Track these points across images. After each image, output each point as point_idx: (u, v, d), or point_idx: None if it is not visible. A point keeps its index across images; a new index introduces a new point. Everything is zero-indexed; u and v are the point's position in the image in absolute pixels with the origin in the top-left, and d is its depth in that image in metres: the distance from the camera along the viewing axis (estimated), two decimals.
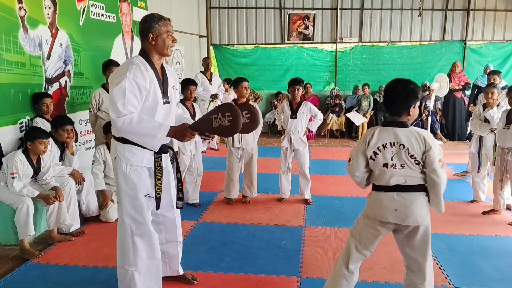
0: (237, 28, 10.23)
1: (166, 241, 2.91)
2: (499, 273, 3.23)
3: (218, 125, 2.43)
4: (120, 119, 2.40)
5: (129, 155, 2.55)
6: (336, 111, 9.30)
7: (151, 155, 2.59)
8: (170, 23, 2.62)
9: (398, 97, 2.38)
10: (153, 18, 2.56)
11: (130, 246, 2.62)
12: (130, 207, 2.60)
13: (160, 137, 2.46)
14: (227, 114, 2.40)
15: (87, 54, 4.94)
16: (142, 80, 2.46)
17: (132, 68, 2.45)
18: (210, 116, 2.48)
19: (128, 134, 2.48)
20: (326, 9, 9.93)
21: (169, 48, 2.60)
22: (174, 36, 2.62)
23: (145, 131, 2.45)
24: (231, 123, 2.41)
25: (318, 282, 3.11)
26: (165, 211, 2.82)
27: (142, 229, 2.62)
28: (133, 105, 2.43)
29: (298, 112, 4.79)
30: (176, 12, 8.25)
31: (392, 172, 2.40)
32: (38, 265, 3.43)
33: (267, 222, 4.34)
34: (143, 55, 2.57)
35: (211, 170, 6.20)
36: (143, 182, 2.60)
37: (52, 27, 4.41)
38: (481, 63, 9.45)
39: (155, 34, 2.53)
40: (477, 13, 9.61)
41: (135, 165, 2.57)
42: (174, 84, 2.73)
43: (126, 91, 2.40)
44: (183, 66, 8.71)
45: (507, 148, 4.23)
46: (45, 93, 4.22)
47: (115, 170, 2.64)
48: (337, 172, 6.33)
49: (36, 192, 3.67)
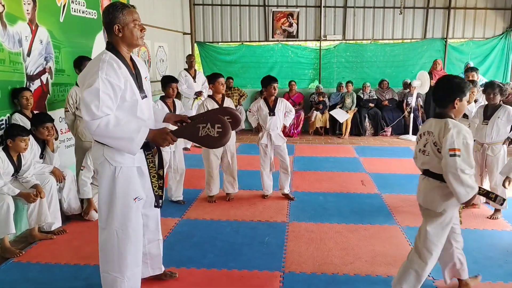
0: (221, 26, 10.21)
1: (148, 241, 2.84)
2: (476, 265, 3.30)
3: (205, 135, 2.36)
4: (95, 122, 2.24)
5: (119, 157, 2.40)
6: (320, 108, 9.37)
7: (141, 153, 2.46)
8: (136, 11, 2.41)
9: (443, 91, 2.59)
10: (116, 8, 2.35)
11: (115, 253, 2.48)
12: (118, 212, 2.45)
13: (138, 140, 2.31)
14: (217, 126, 2.35)
15: (68, 51, 4.89)
16: (116, 79, 2.30)
17: (103, 67, 2.28)
18: (197, 124, 2.39)
19: (103, 138, 2.31)
20: (310, 7, 9.98)
21: (139, 39, 2.42)
22: (142, 25, 2.43)
23: (122, 134, 2.29)
24: (220, 135, 2.35)
25: (301, 277, 3.15)
26: (148, 210, 2.75)
27: (129, 233, 2.49)
28: (108, 107, 2.27)
29: (276, 109, 4.82)
30: (159, 9, 8.20)
31: (422, 158, 2.65)
32: (18, 264, 3.39)
33: (250, 218, 4.36)
34: (112, 50, 2.39)
35: (196, 168, 6.19)
36: (132, 185, 2.47)
37: (32, 23, 4.34)
38: (461, 61, 9.63)
39: (121, 25, 2.35)
40: (457, 11, 9.76)
41: (125, 167, 2.43)
42: (146, 75, 2.59)
43: (100, 92, 2.23)
44: (167, 64, 8.66)
45: (486, 143, 4.33)
46: (24, 87, 4.16)
47: (101, 175, 2.46)
48: (320, 169, 6.38)
49: (16, 190, 3.62)
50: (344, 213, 4.50)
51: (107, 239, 2.49)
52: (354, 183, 5.59)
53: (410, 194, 5.07)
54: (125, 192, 2.45)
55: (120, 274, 2.51)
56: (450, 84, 2.58)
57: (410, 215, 4.40)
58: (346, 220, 4.29)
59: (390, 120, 9.28)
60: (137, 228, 2.54)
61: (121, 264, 2.50)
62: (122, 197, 2.45)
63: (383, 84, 9.56)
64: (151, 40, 7.78)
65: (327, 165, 6.63)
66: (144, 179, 2.58)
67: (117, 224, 2.46)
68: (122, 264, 2.50)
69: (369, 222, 4.23)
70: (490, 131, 4.28)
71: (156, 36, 8.00)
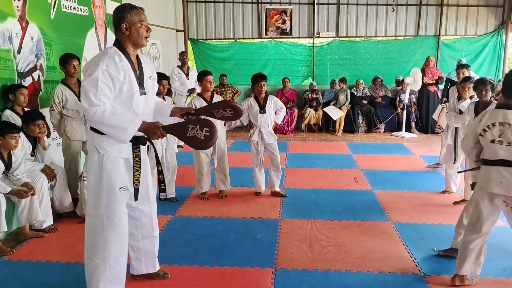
0: (215, 23, 10.19)
1: (142, 236, 2.85)
2: None
3: (193, 136, 2.47)
4: (92, 109, 2.37)
5: (107, 145, 2.51)
6: (314, 105, 9.38)
7: (129, 146, 2.56)
8: (143, 13, 2.58)
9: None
10: (125, 8, 2.52)
11: (100, 239, 2.56)
12: (104, 199, 2.54)
13: (130, 131, 2.44)
14: (205, 129, 2.45)
15: (60, 48, 4.85)
16: (115, 71, 2.43)
17: (105, 59, 2.42)
18: (188, 124, 2.51)
19: (98, 124, 2.45)
20: (303, 4, 9.98)
21: (144, 38, 2.57)
22: (148, 26, 2.60)
23: (116, 123, 2.42)
24: (206, 139, 2.46)
25: (293, 273, 3.16)
26: (140, 204, 2.77)
27: (114, 222, 2.56)
28: (106, 96, 2.41)
29: (266, 106, 4.82)
30: (152, 6, 8.15)
31: (498, 147, 2.72)
32: (9, 262, 3.37)
33: (243, 215, 4.36)
34: (118, 46, 2.54)
35: (188, 165, 6.17)
36: (119, 174, 2.55)
37: (22, 20, 4.31)
38: (454, 58, 9.67)
39: (128, 24, 2.51)
40: (450, 8, 9.80)
41: (112, 156, 2.53)
42: (150, 75, 2.70)
43: (99, 81, 2.37)
44: (160, 61, 8.63)
45: None
46: (21, 84, 4.15)
47: (89, 161, 2.58)
48: (313, 166, 6.39)
49: (8, 188, 3.60)
50: (336, 209, 4.51)
51: (92, 225, 2.58)
52: (347, 180, 5.61)
53: (402, 191, 5.10)
54: (111, 180, 2.54)
55: (103, 261, 2.57)
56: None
57: (402, 211, 4.43)
58: (339, 216, 4.30)
59: (383, 117, 9.32)
60: (122, 217, 2.60)
61: (104, 251, 2.56)
62: (108, 185, 2.53)
63: (376, 81, 9.59)
64: None
65: (320, 162, 6.65)
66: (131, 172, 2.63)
67: (103, 211, 2.55)
68: (105, 251, 2.56)
69: (361, 219, 4.25)
70: None
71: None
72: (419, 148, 7.60)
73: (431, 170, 6.15)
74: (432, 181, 5.55)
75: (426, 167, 6.27)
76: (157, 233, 2.94)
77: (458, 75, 5.74)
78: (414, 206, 4.63)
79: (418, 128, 9.18)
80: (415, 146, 7.84)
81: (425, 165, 6.35)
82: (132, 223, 2.78)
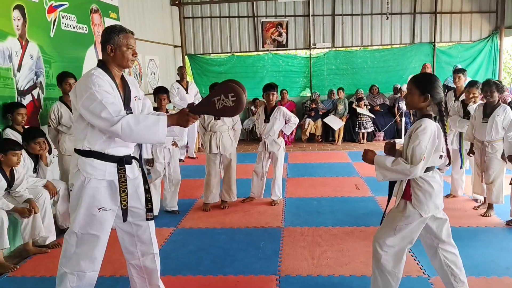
0: (212, 37, 10.30)
1: (141, 254, 2.80)
2: (470, 261, 3.33)
3: (222, 107, 2.43)
4: (117, 126, 2.34)
5: (90, 169, 2.50)
6: (312, 115, 9.43)
7: (113, 167, 2.54)
8: (132, 37, 2.56)
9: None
10: (113, 30, 2.51)
11: (72, 251, 2.58)
12: (81, 217, 2.54)
13: (161, 130, 2.41)
14: (231, 95, 2.40)
15: (59, 65, 4.91)
16: (108, 87, 2.44)
17: (94, 81, 2.41)
18: (212, 98, 2.45)
19: (130, 138, 2.43)
20: (299, 16, 10.10)
21: (129, 61, 2.55)
22: (135, 50, 2.57)
23: (146, 130, 2.40)
24: (236, 103, 2.41)
25: (297, 280, 3.16)
26: (137, 220, 2.73)
27: (88, 239, 2.57)
28: (114, 104, 2.40)
29: (271, 116, 4.88)
30: (149, 23, 8.27)
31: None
32: (13, 278, 3.37)
33: (246, 225, 4.37)
34: (102, 66, 2.53)
35: (190, 178, 6.20)
36: (99, 196, 2.54)
37: (22, 38, 4.38)
38: (450, 64, 9.73)
39: (114, 46, 2.49)
40: (444, 15, 9.92)
41: (94, 179, 2.51)
42: (136, 95, 2.68)
43: (103, 101, 2.35)
44: (158, 76, 8.71)
45: (486, 141, 4.36)
46: (19, 103, 4.19)
47: (74, 182, 2.56)
48: (314, 175, 6.40)
49: (11, 205, 3.61)
50: (338, 216, 4.52)
51: (69, 237, 2.60)
52: (348, 187, 5.62)
53: None
54: (89, 202, 2.53)
55: (71, 272, 2.59)
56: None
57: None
58: (341, 223, 4.31)
59: (382, 125, 9.36)
60: (98, 235, 2.59)
61: (75, 264, 2.58)
62: (86, 205, 2.53)
63: (373, 89, 9.66)
64: (142, 54, 7.83)
65: (321, 171, 6.66)
66: (117, 193, 2.61)
67: (77, 227, 2.56)
68: (76, 264, 2.58)
69: (364, 224, 4.25)
70: (490, 129, 4.31)
71: (147, 50, 8.06)
72: None
73: None
74: None
75: None
76: (156, 250, 2.86)
77: (454, 80, 5.77)
78: None
79: None
80: None
81: None
82: (130, 240, 2.76)
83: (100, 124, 2.38)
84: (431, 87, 2.51)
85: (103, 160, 2.52)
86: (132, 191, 2.66)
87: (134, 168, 2.70)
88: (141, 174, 2.71)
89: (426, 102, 2.51)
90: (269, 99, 4.89)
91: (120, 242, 2.80)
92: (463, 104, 4.88)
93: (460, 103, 4.95)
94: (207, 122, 4.83)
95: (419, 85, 2.53)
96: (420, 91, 2.51)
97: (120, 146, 2.56)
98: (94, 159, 2.50)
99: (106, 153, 2.52)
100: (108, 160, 2.53)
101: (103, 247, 2.66)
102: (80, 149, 2.52)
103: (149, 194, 2.70)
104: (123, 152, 2.58)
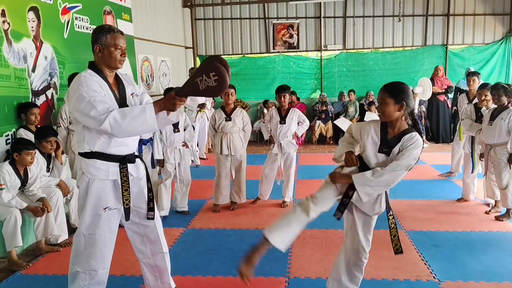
0: (223, 39, 10.34)
1: (152, 253, 2.85)
2: (482, 266, 3.30)
3: (205, 87, 2.36)
4: (105, 124, 2.33)
5: (93, 170, 2.53)
6: (323, 118, 9.41)
7: (116, 167, 2.56)
8: (122, 37, 2.54)
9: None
10: (101, 30, 2.50)
11: (82, 252, 2.63)
12: (87, 218, 2.58)
13: (150, 118, 2.37)
14: (212, 74, 2.33)
15: (73, 66, 4.98)
16: (98, 87, 2.44)
17: (83, 82, 2.41)
18: (195, 79, 2.39)
19: (122, 133, 2.40)
20: (310, 18, 10.10)
21: (118, 61, 2.53)
22: (124, 50, 2.54)
23: (134, 122, 2.37)
24: (218, 82, 2.34)
25: (306, 282, 3.16)
26: (144, 220, 2.76)
27: (95, 239, 2.62)
28: (102, 102, 2.38)
29: (287, 117, 4.89)
30: (161, 24, 8.33)
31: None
32: (26, 276, 3.42)
33: (255, 226, 4.37)
34: (93, 68, 2.53)
35: (200, 179, 6.23)
36: (104, 196, 2.58)
37: (37, 40, 4.44)
38: (463, 67, 9.65)
39: (102, 46, 2.48)
40: (457, 18, 9.83)
41: (98, 179, 2.55)
42: (132, 92, 2.67)
43: (91, 100, 2.35)
44: (169, 77, 8.77)
45: (489, 144, 4.33)
46: (33, 104, 4.25)
47: (80, 184, 2.62)
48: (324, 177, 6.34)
49: (24, 203, 3.67)
50: None
51: (77, 238, 2.64)
52: None
53: (415, 199, 5.07)
54: (95, 202, 2.57)
55: (83, 270, 2.64)
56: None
57: (415, 219, 4.40)
58: None
59: None
60: (104, 234, 2.63)
61: (85, 263, 2.64)
62: (92, 206, 2.57)
63: None
64: (154, 55, 7.90)
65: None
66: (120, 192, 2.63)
67: (84, 228, 2.60)
68: (87, 264, 2.64)
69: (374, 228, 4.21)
70: (494, 132, 4.27)
71: (158, 51, 8.12)
72: (431, 157, 7.55)
73: (444, 178, 6.11)
74: (445, 189, 5.51)
75: (438, 175, 6.24)
76: (166, 249, 2.89)
77: (468, 83, 5.73)
78: (427, 214, 4.60)
79: (428, 137, 9.13)
80: (427, 155, 7.79)
81: (437, 173, 6.32)
82: (139, 240, 2.81)
83: (90, 123, 2.40)
84: (405, 96, 2.48)
85: (105, 160, 2.54)
86: (138, 191, 2.69)
87: (138, 166, 2.71)
88: (146, 173, 2.74)
89: (402, 111, 2.48)
90: (281, 100, 4.90)
91: (131, 242, 2.85)
92: (475, 108, 4.84)
93: (473, 106, 4.90)
94: (218, 124, 4.86)
95: (393, 94, 2.48)
96: (395, 100, 2.46)
97: (121, 145, 2.57)
98: (96, 160, 2.53)
99: (107, 153, 2.54)
100: (110, 160, 2.56)
101: (111, 245, 2.71)
102: (82, 151, 2.56)
103: (151, 193, 2.73)
104: (125, 152, 2.60)
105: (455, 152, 5.99)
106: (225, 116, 4.82)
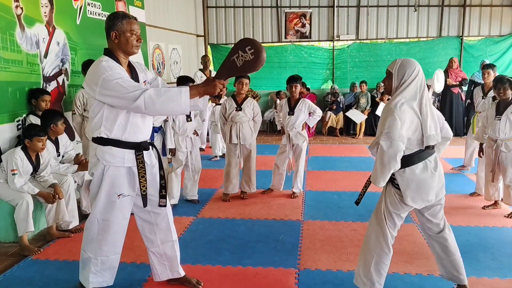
0: (234, 27, 10.26)
1: (161, 242, 2.85)
2: (495, 262, 3.25)
3: (243, 63, 2.39)
4: (139, 101, 2.33)
5: (109, 157, 2.55)
6: (334, 108, 9.32)
7: (132, 154, 2.57)
8: (136, 22, 2.56)
9: None
10: (116, 16, 2.52)
11: (94, 237, 2.67)
12: (101, 204, 2.61)
13: (184, 101, 2.38)
14: (248, 48, 2.36)
15: (84, 53, 4.96)
16: (121, 70, 2.47)
17: (106, 68, 2.42)
18: (231, 58, 2.41)
19: (154, 110, 2.41)
20: (323, 7, 9.97)
21: (134, 47, 2.55)
22: (139, 36, 2.56)
23: (168, 102, 2.38)
24: (255, 55, 2.36)
25: (316, 274, 3.14)
26: (156, 208, 2.77)
27: (108, 225, 2.65)
28: (136, 84, 2.42)
29: (296, 108, 4.83)
30: (173, 12, 8.28)
31: None
32: (37, 261, 3.44)
33: (265, 216, 4.36)
34: (108, 54, 2.54)
35: (210, 168, 6.22)
36: (118, 183, 2.59)
37: (49, 25, 4.43)
38: (478, 59, 9.48)
39: (118, 32, 2.49)
40: (473, 8, 9.64)
41: (113, 166, 2.56)
42: (145, 79, 2.69)
43: (119, 80, 2.37)
44: (180, 65, 8.73)
45: (500, 139, 4.24)
46: (45, 90, 4.24)
47: (94, 170, 2.61)
48: (334, 168, 6.35)
49: (36, 189, 3.69)
50: (359, 211, 4.45)
51: (90, 224, 2.68)
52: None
53: None
54: (109, 189, 2.60)
55: (94, 256, 2.70)
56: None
57: None
58: (362, 218, 4.25)
59: None
60: (118, 221, 2.68)
61: (97, 249, 2.69)
62: (106, 192, 2.60)
63: None
64: (165, 42, 7.86)
65: (341, 164, 6.59)
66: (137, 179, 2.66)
67: (98, 214, 2.64)
68: (98, 249, 2.69)
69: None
70: (504, 126, 4.19)
71: (170, 39, 8.07)
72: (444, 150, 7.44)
73: (457, 172, 6.03)
74: (458, 183, 5.44)
75: (450, 169, 6.16)
76: (175, 237, 2.90)
77: (483, 75, 5.62)
78: None
79: None
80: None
81: (450, 167, 6.24)
82: (149, 229, 2.82)
83: (122, 103, 2.41)
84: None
85: (121, 147, 2.56)
86: (150, 178, 2.70)
87: (151, 154, 2.74)
88: (159, 160, 2.76)
89: None
90: (292, 91, 4.84)
91: (140, 231, 2.86)
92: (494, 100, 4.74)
93: (491, 99, 4.81)
94: (228, 113, 4.82)
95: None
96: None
97: (136, 132, 2.58)
98: (112, 147, 2.55)
99: (123, 140, 2.55)
100: (126, 147, 2.57)
101: (123, 232, 2.75)
102: (97, 137, 2.56)
103: (163, 180, 2.75)
104: (140, 138, 2.61)
105: (469, 146, 5.90)
106: (236, 105, 4.77)
